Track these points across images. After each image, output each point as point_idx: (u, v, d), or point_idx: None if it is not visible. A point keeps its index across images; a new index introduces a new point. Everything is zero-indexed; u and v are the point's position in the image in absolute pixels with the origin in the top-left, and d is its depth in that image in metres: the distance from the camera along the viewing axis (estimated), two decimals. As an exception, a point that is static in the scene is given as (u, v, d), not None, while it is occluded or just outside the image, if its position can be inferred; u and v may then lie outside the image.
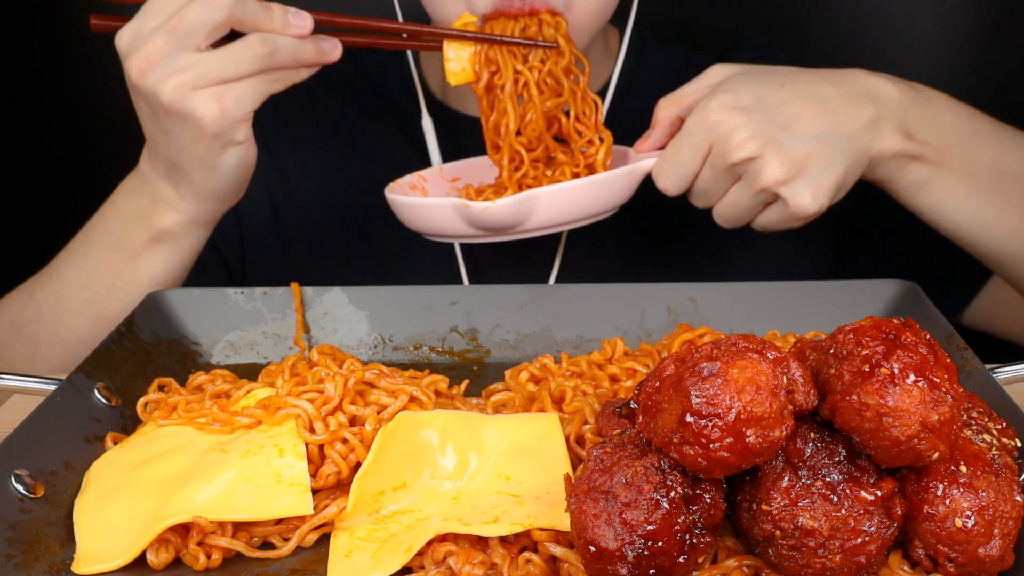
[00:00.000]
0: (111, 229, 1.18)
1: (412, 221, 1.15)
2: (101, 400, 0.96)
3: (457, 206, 1.09)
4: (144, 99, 1.06)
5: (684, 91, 1.15)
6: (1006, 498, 0.70)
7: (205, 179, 1.11)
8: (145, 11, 1.05)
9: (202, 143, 1.07)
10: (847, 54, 1.67)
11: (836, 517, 0.68)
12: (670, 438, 0.67)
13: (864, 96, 1.11)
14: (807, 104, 1.09)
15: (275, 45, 1.06)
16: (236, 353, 1.11)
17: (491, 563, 0.76)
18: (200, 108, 1.04)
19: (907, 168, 1.13)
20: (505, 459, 0.87)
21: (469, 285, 1.28)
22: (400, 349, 1.12)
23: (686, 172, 1.11)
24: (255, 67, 1.05)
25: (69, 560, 0.78)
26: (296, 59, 1.07)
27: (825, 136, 1.08)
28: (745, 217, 1.13)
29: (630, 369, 0.99)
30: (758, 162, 1.07)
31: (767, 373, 0.66)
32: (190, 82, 1.03)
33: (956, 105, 1.16)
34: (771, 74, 1.13)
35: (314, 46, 1.09)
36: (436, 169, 1.28)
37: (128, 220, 1.17)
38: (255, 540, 0.81)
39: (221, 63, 1.04)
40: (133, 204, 1.17)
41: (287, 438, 0.86)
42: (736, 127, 1.07)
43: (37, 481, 0.83)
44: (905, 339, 0.68)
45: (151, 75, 1.04)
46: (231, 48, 1.05)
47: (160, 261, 1.16)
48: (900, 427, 0.66)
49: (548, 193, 1.09)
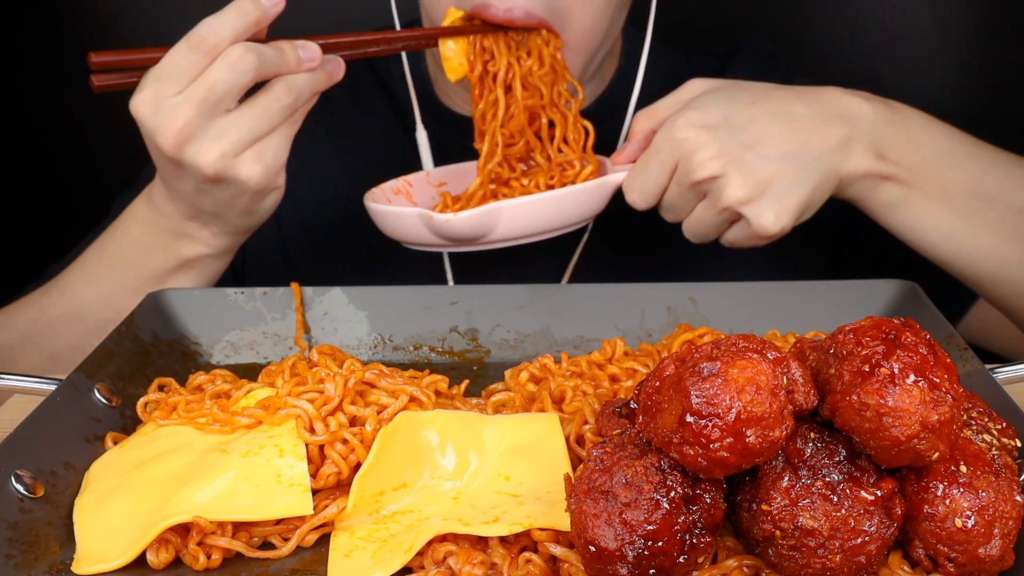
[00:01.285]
0: (130, 256, 1.17)
1: (386, 229, 1.16)
2: (101, 400, 0.96)
3: (422, 216, 1.10)
4: (183, 170, 1.05)
5: (660, 105, 1.15)
6: (1006, 498, 0.70)
7: (242, 223, 1.12)
8: (159, 76, 1.02)
9: (244, 199, 1.08)
10: (849, 54, 1.67)
11: (836, 517, 0.68)
12: (670, 438, 0.67)
13: (836, 115, 1.10)
14: (776, 123, 1.09)
15: (298, 89, 1.06)
16: (236, 353, 1.11)
17: (491, 563, 0.76)
18: (245, 172, 1.04)
19: (879, 188, 1.13)
20: (505, 459, 0.87)
21: (469, 285, 1.28)
22: (400, 349, 1.12)
23: (653, 188, 1.12)
24: (285, 116, 1.06)
25: (69, 560, 0.78)
26: (312, 92, 1.08)
27: (792, 156, 1.08)
28: (711, 233, 1.13)
29: (630, 369, 0.99)
30: (721, 181, 1.08)
31: (767, 373, 0.66)
32: (231, 150, 1.03)
33: (934, 124, 1.15)
34: (744, 91, 1.12)
35: (324, 73, 1.09)
36: (424, 174, 1.28)
37: (151, 250, 1.16)
38: (255, 540, 0.81)
39: (255, 123, 1.04)
40: (154, 237, 1.16)
41: (287, 438, 0.86)
42: (701, 145, 1.08)
43: (37, 481, 0.83)
44: (905, 339, 0.68)
45: (189, 148, 1.03)
46: (261, 104, 1.04)
47: (187, 282, 1.17)
48: (900, 427, 0.66)
49: (512, 206, 1.10)
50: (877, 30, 1.66)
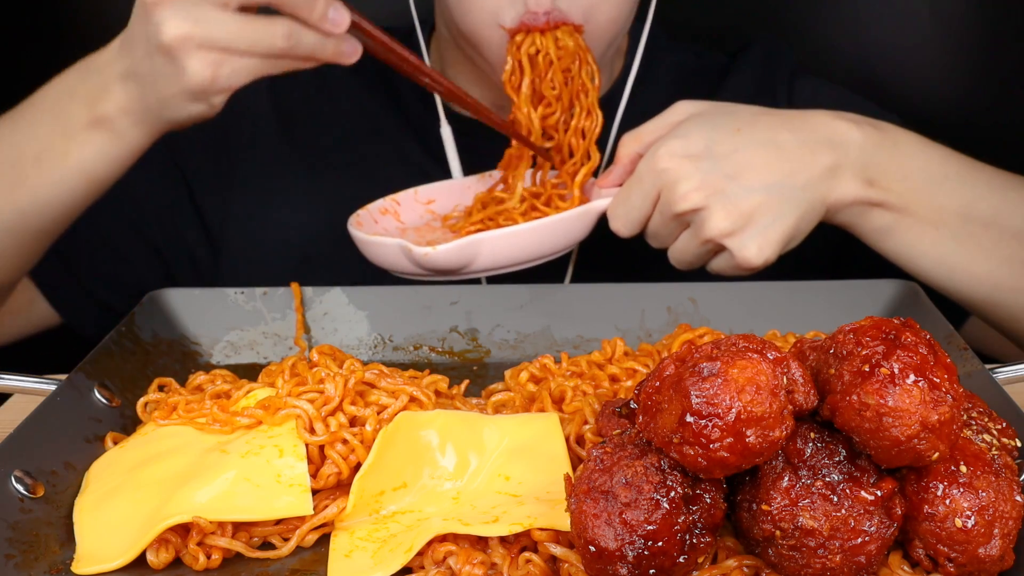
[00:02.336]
0: (54, 101, 1.13)
1: (370, 257, 1.14)
2: (101, 400, 0.96)
3: (403, 247, 1.08)
4: (148, 23, 1.01)
5: (646, 128, 1.14)
6: (1006, 498, 0.70)
7: (162, 109, 1.07)
8: None
9: (174, 89, 1.03)
10: (849, 54, 1.67)
11: (836, 517, 0.68)
12: (670, 438, 0.67)
13: (824, 142, 1.09)
14: (761, 152, 1.07)
15: (298, 41, 1.02)
16: (236, 353, 1.11)
17: (491, 563, 0.76)
18: (193, 66, 1.00)
19: (869, 215, 1.12)
20: (505, 459, 0.87)
21: (469, 285, 1.28)
22: (400, 349, 1.12)
23: (636, 216, 1.11)
24: (266, 54, 1.02)
25: (69, 560, 0.78)
26: (312, 55, 1.04)
27: (776, 186, 1.06)
28: (696, 262, 1.12)
29: (630, 369, 0.99)
30: (703, 213, 1.06)
31: (767, 373, 0.66)
32: (198, 38, 0.99)
33: (927, 147, 1.13)
34: (729, 116, 1.10)
35: (334, 45, 1.05)
36: (412, 192, 1.26)
37: (74, 97, 1.11)
38: (255, 540, 0.81)
39: (234, 34, 1.00)
40: (83, 84, 1.11)
41: (287, 438, 0.86)
42: (682, 176, 1.06)
43: (37, 481, 0.83)
44: (905, 339, 0.68)
45: (164, 11, 1.00)
46: (252, 25, 1.00)
47: (94, 150, 1.11)
48: (900, 427, 0.66)
49: (492, 238, 1.09)
50: (877, 30, 1.66)
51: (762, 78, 1.40)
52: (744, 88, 1.38)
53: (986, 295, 1.14)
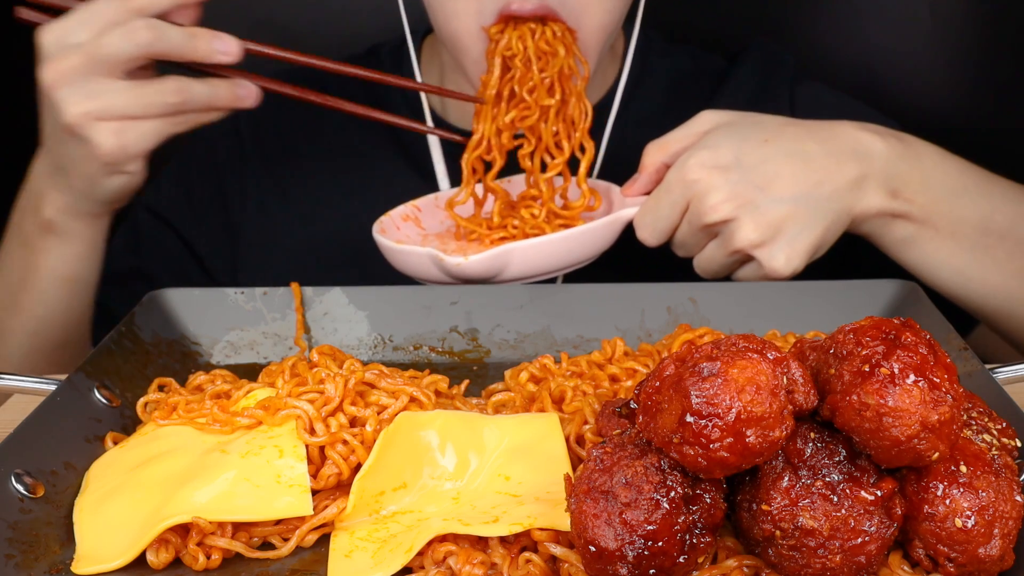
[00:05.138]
0: (16, 222, 1.20)
1: (396, 265, 1.15)
2: (101, 400, 0.96)
3: (433, 257, 1.09)
4: (51, 108, 1.06)
5: (672, 137, 1.14)
6: (1006, 498, 0.70)
7: (84, 189, 1.12)
8: (77, 17, 1.04)
9: (92, 165, 1.07)
10: (849, 54, 1.67)
11: (836, 517, 0.68)
12: (670, 438, 0.67)
13: (850, 153, 1.09)
14: (789, 162, 1.08)
15: (190, 94, 1.05)
16: (236, 353, 1.11)
17: (491, 563, 0.76)
18: (98, 138, 1.04)
19: (892, 225, 1.13)
20: (505, 459, 0.87)
21: (469, 285, 1.28)
22: (400, 349, 1.12)
23: (664, 226, 1.12)
24: (163, 111, 1.05)
25: (69, 560, 0.78)
26: (209, 104, 1.07)
27: (804, 197, 1.07)
28: (722, 272, 1.13)
29: (630, 369, 0.99)
30: (733, 224, 1.07)
31: (767, 373, 0.66)
32: (95, 112, 1.03)
33: (947, 160, 1.14)
34: (756, 127, 1.11)
35: (230, 90, 1.08)
36: (432, 197, 1.26)
37: (24, 212, 1.18)
38: (255, 540, 0.81)
39: (130, 101, 1.04)
40: (27, 197, 1.18)
41: (287, 439, 0.86)
42: (712, 187, 1.07)
43: (37, 481, 0.83)
44: (905, 339, 0.68)
45: (60, 91, 1.04)
46: (144, 89, 1.04)
47: (53, 255, 1.17)
48: (900, 427, 0.66)
49: (523, 248, 1.10)
50: (876, 34, 1.66)
51: (761, 82, 1.40)
52: (743, 92, 1.38)
53: (999, 305, 1.15)
